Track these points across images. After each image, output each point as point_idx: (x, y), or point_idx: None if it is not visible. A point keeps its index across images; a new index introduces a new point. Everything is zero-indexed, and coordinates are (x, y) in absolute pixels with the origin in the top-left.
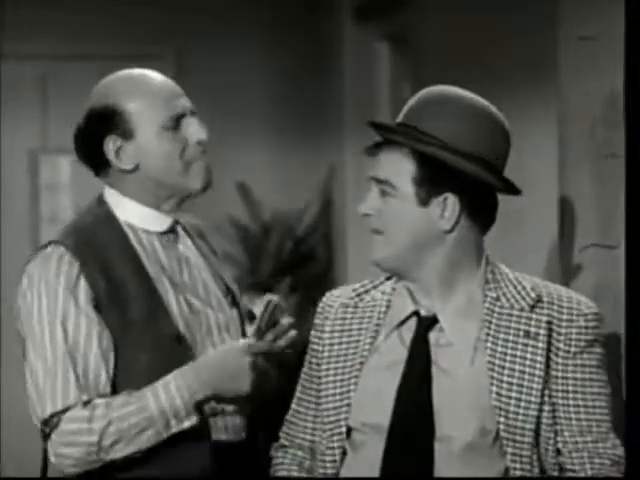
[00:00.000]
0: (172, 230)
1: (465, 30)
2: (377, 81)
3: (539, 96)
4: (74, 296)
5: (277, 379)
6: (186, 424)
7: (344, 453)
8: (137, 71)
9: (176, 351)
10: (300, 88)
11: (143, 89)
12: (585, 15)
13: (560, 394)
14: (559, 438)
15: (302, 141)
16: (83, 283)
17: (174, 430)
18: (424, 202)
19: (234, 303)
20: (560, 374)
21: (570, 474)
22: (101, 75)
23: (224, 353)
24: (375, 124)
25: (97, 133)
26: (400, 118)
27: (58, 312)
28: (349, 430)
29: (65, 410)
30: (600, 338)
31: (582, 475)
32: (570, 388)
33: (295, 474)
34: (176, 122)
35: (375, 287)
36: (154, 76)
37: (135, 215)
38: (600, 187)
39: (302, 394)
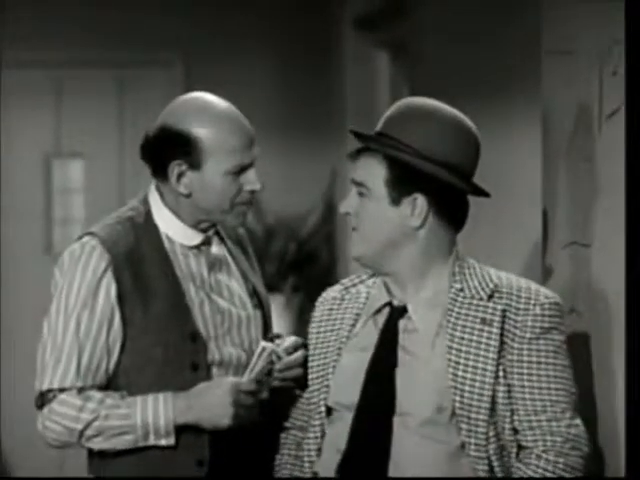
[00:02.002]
0: (205, 240)
1: (459, 41)
2: (377, 88)
3: (525, 103)
4: (97, 288)
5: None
6: (163, 442)
7: (324, 433)
8: (226, 108)
9: (189, 348)
10: (303, 94)
11: (227, 132)
12: (563, 32)
13: (516, 376)
14: (515, 417)
15: (305, 146)
16: (109, 276)
17: (151, 443)
18: (395, 202)
19: (259, 305)
20: (516, 357)
21: (526, 451)
22: (113, 81)
23: (212, 387)
24: (355, 133)
25: (167, 152)
26: (378, 127)
27: (79, 301)
28: (329, 409)
29: (60, 390)
30: (559, 327)
31: (536, 452)
32: (525, 370)
33: (294, 453)
34: (241, 170)
35: (362, 282)
36: (240, 119)
37: (172, 230)
38: (578, 189)
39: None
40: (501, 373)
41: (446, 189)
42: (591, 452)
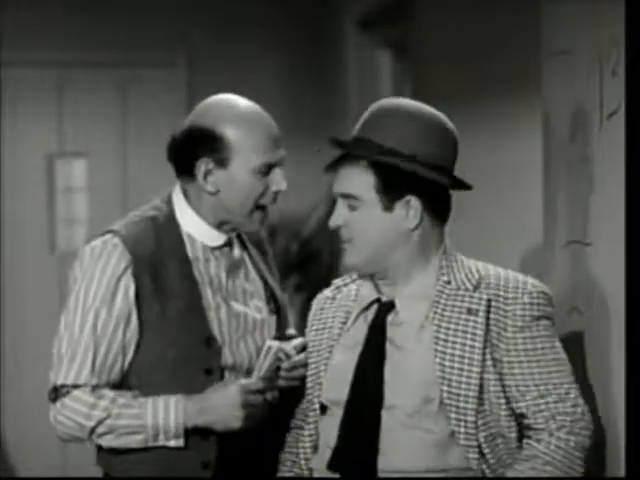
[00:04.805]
0: (227, 242)
1: (461, 41)
2: (379, 87)
3: (526, 103)
4: (116, 287)
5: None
6: (172, 443)
7: (318, 428)
8: (252, 107)
9: (203, 353)
10: (306, 94)
11: (254, 129)
12: (564, 32)
13: (516, 365)
14: (521, 404)
15: (307, 145)
16: (128, 276)
17: (160, 443)
18: (388, 207)
19: (275, 310)
20: (512, 347)
21: (538, 430)
22: (116, 81)
23: (222, 390)
24: (335, 141)
25: (195, 150)
26: (356, 132)
27: (97, 299)
28: (323, 407)
29: (74, 386)
30: (548, 314)
31: (548, 430)
32: (523, 358)
33: (294, 451)
34: (268, 169)
35: (353, 281)
36: (266, 119)
37: (196, 229)
38: (579, 188)
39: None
40: (489, 362)
41: (434, 187)
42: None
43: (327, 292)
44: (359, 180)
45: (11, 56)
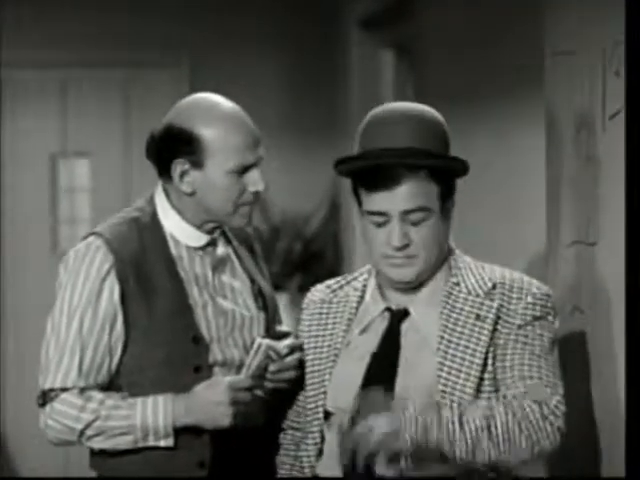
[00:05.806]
0: (211, 241)
1: (463, 42)
2: (381, 87)
3: (529, 103)
4: (100, 288)
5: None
6: (162, 443)
7: (323, 437)
8: (230, 108)
9: (191, 350)
10: (308, 94)
11: (230, 131)
12: (566, 32)
13: (508, 357)
14: (505, 392)
15: (309, 146)
16: (113, 277)
17: (150, 444)
18: (445, 213)
19: (264, 307)
20: (507, 342)
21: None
22: (119, 81)
23: (210, 388)
24: (385, 152)
25: (170, 150)
26: (382, 143)
27: (82, 301)
28: (328, 414)
29: (62, 389)
30: (549, 317)
31: (529, 399)
32: (517, 355)
33: (292, 453)
34: (244, 169)
35: (348, 283)
36: (244, 119)
37: (178, 230)
38: (582, 188)
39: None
40: (490, 361)
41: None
42: (590, 455)
43: (321, 295)
44: (426, 191)
45: (13, 56)
